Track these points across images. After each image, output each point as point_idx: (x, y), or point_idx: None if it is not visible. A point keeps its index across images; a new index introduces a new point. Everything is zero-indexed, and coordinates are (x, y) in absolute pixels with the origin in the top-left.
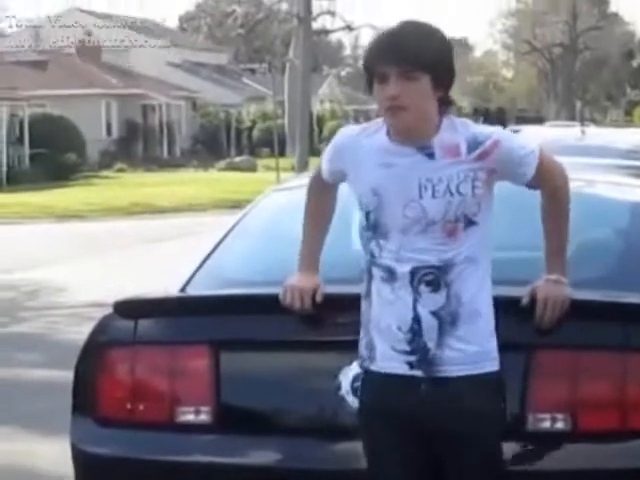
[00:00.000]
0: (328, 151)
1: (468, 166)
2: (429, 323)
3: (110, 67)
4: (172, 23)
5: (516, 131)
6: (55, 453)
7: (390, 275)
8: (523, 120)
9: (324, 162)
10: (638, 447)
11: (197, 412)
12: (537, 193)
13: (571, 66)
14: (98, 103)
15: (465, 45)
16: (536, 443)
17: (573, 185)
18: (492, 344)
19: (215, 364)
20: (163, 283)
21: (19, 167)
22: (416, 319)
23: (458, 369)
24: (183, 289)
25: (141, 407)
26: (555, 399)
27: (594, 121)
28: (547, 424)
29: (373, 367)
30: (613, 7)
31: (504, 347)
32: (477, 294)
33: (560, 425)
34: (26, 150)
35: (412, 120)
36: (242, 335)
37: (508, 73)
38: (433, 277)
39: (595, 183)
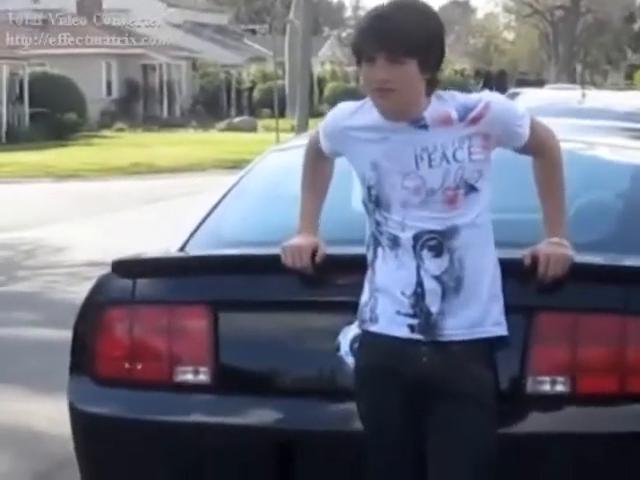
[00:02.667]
0: (323, 128)
1: (462, 132)
2: (432, 288)
3: (110, 27)
4: None
5: (517, 93)
6: (53, 412)
7: (394, 242)
8: (524, 83)
9: (322, 136)
10: (637, 411)
11: (195, 372)
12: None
13: (572, 29)
14: (98, 63)
15: (467, 7)
16: (535, 406)
17: (573, 147)
18: (496, 308)
19: (214, 324)
20: (162, 243)
21: (19, 126)
22: (419, 283)
23: (460, 333)
24: (182, 249)
25: (139, 367)
26: (555, 362)
27: (594, 84)
28: (547, 387)
29: (374, 328)
30: None
31: (504, 309)
32: (481, 259)
33: (559, 388)
34: (26, 109)
35: (400, 102)
36: (241, 295)
37: (509, 36)
38: (436, 242)
39: (595, 145)
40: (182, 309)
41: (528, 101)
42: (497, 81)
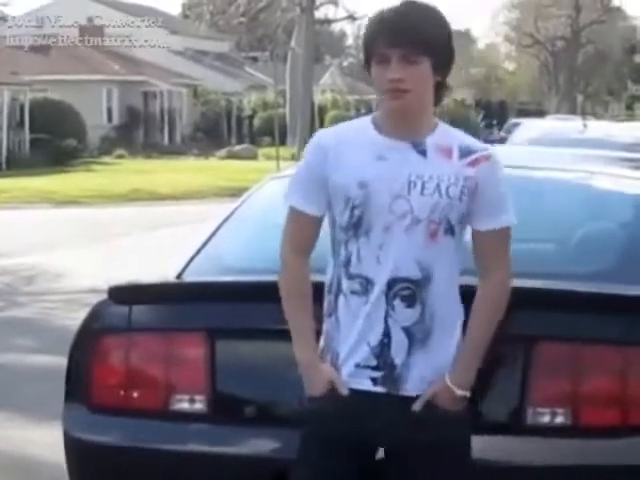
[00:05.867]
0: (302, 171)
1: (459, 170)
2: (399, 339)
3: (112, 53)
4: (175, 10)
5: (517, 124)
6: (51, 439)
7: (364, 286)
8: (524, 113)
9: (298, 195)
10: (638, 444)
11: (192, 400)
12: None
13: (573, 60)
14: (99, 89)
15: (468, 37)
16: (535, 437)
17: (575, 176)
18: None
19: (211, 352)
20: (160, 270)
21: (19, 152)
22: (386, 334)
23: (424, 387)
24: (179, 276)
25: (135, 394)
26: (555, 393)
27: (595, 115)
28: (547, 418)
29: None
30: (616, 1)
31: (504, 339)
32: (451, 309)
33: (560, 419)
34: (26, 135)
35: (411, 103)
36: (238, 323)
37: (510, 66)
38: (410, 292)
39: (597, 175)
40: (179, 337)
41: (528, 131)
42: (497, 111)
